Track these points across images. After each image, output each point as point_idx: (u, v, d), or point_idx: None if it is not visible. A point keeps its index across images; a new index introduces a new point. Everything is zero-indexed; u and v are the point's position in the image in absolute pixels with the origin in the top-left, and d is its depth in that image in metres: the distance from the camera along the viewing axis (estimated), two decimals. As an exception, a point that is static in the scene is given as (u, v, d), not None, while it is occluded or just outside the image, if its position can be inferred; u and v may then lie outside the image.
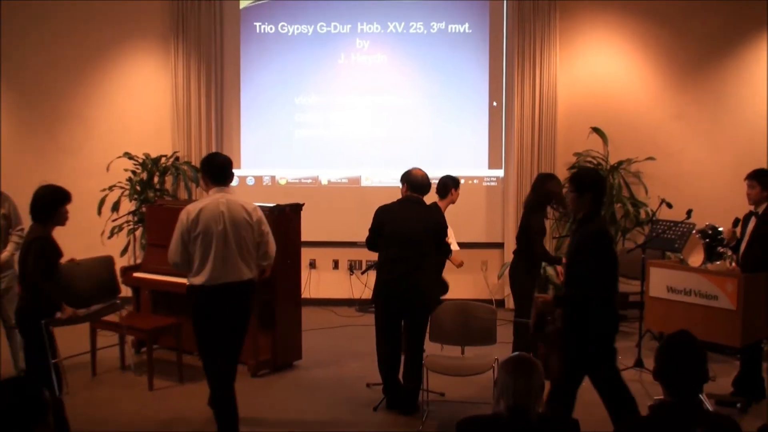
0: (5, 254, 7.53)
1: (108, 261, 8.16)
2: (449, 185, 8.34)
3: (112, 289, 8.06)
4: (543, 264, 8.83)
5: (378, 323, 7.13)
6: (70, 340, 7.82)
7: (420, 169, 7.30)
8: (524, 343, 7.73)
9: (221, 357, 6.19)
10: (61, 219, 6.26)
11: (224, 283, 6.06)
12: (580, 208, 5.63)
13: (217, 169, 6.29)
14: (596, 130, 10.79)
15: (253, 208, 6.27)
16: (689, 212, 8.05)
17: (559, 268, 8.26)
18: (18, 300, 6.28)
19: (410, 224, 6.99)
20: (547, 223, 8.53)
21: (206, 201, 6.18)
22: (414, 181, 7.21)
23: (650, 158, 10.61)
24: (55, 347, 6.24)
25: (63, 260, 6.47)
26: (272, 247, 6.37)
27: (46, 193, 6.27)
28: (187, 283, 6.18)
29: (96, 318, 7.90)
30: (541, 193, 7.94)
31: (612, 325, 5.67)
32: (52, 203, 6.20)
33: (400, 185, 7.29)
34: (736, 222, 7.60)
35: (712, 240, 7.18)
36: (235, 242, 6.09)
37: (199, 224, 6.04)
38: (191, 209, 6.12)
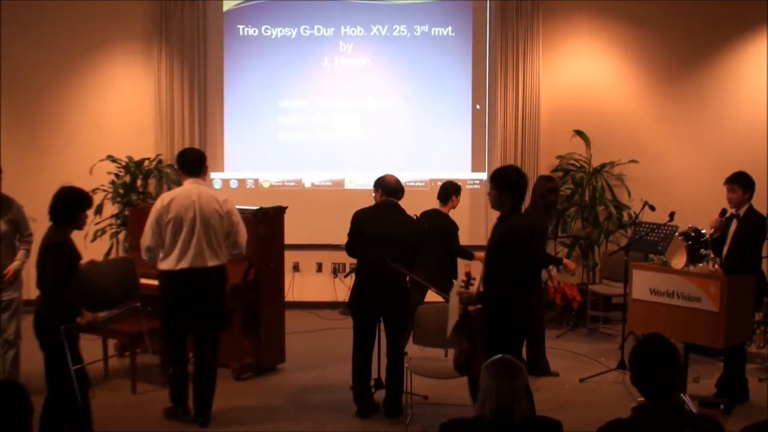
0: (16, 263, 7.33)
1: (129, 262, 7.82)
2: (450, 191, 8.54)
3: (132, 291, 7.66)
4: None
5: (356, 328, 7.21)
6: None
7: (392, 175, 7.43)
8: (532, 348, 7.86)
9: (194, 337, 6.78)
10: (80, 223, 6.14)
11: (189, 268, 6.55)
12: (501, 205, 5.81)
13: (190, 161, 6.79)
14: (579, 132, 10.82)
15: (224, 200, 6.74)
16: (672, 214, 8.08)
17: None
18: (36, 306, 6.06)
19: (388, 227, 7.04)
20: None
21: (179, 190, 6.71)
22: (388, 186, 7.30)
23: (633, 161, 10.65)
24: (78, 353, 6.11)
25: (82, 261, 6.35)
26: (243, 236, 6.79)
27: (68, 195, 6.11)
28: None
29: (116, 321, 7.62)
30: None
31: (526, 321, 6.02)
32: (73, 206, 6.04)
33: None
34: (723, 212, 7.63)
35: (694, 242, 7.19)
36: (203, 230, 6.55)
37: (170, 211, 6.53)
38: (165, 197, 6.68)
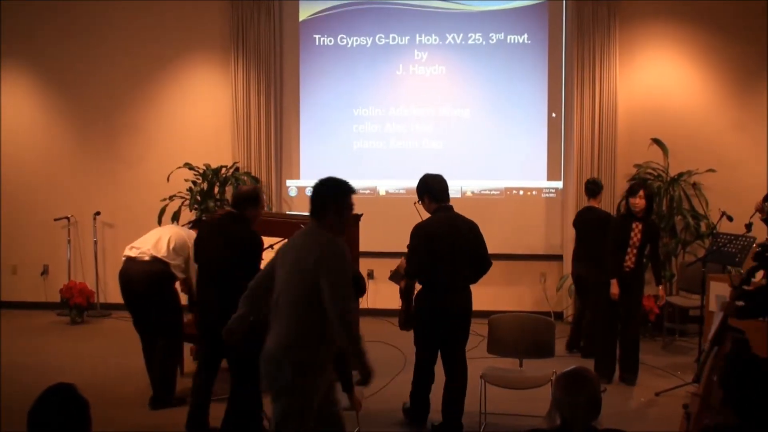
0: None
1: None
2: (600, 186, 9.13)
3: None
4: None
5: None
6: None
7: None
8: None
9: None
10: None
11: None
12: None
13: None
14: (656, 141, 10.70)
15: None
16: (749, 226, 7.95)
17: None
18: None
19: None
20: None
21: None
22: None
23: (710, 170, 10.48)
24: None
25: None
26: None
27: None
28: None
29: None
30: None
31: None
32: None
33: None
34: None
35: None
36: None
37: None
38: None
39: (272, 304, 4.92)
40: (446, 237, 6.63)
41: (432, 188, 6.81)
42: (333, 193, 4.91)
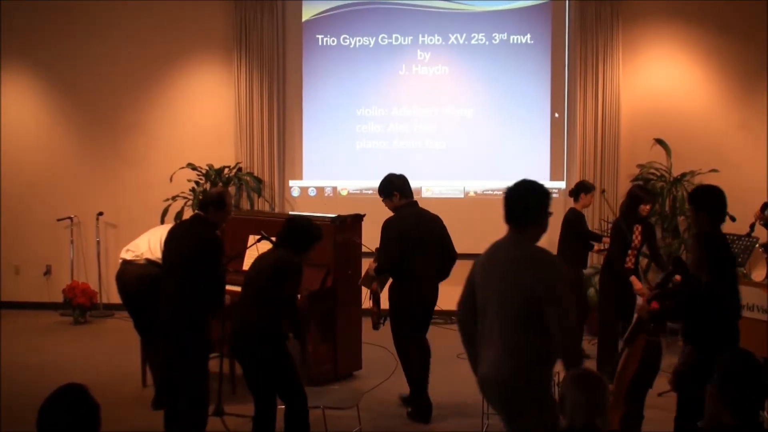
0: None
1: None
2: (580, 189, 8.90)
3: None
4: None
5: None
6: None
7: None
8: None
9: None
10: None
11: None
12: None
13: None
14: (659, 141, 10.69)
15: None
16: (752, 226, 7.94)
17: None
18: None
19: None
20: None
21: None
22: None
23: (714, 170, 10.46)
24: None
25: None
26: None
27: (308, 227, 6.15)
28: None
29: None
30: None
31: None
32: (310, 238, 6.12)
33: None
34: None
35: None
36: None
37: None
38: None
39: (479, 325, 4.70)
40: (416, 230, 7.15)
41: (402, 186, 7.34)
42: (538, 201, 4.61)
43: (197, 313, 6.20)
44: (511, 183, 4.65)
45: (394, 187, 7.28)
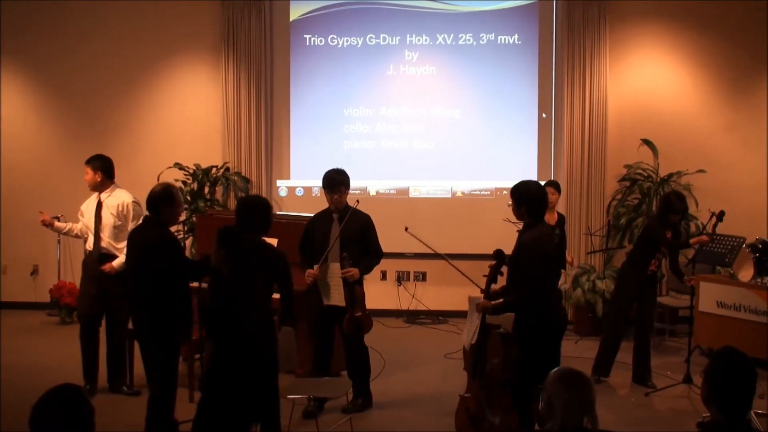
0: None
1: None
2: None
3: None
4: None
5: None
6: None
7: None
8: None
9: None
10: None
11: None
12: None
13: None
14: (646, 141, 10.72)
15: None
16: (720, 217, 7.90)
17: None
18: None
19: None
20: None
21: None
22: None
23: (701, 171, 10.51)
24: None
25: None
26: None
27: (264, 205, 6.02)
28: None
29: None
30: None
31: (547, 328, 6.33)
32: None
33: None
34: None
35: (762, 254, 7.09)
36: None
37: None
38: None
39: None
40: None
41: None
42: None
43: (164, 319, 5.95)
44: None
45: (348, 186, 7.59)
